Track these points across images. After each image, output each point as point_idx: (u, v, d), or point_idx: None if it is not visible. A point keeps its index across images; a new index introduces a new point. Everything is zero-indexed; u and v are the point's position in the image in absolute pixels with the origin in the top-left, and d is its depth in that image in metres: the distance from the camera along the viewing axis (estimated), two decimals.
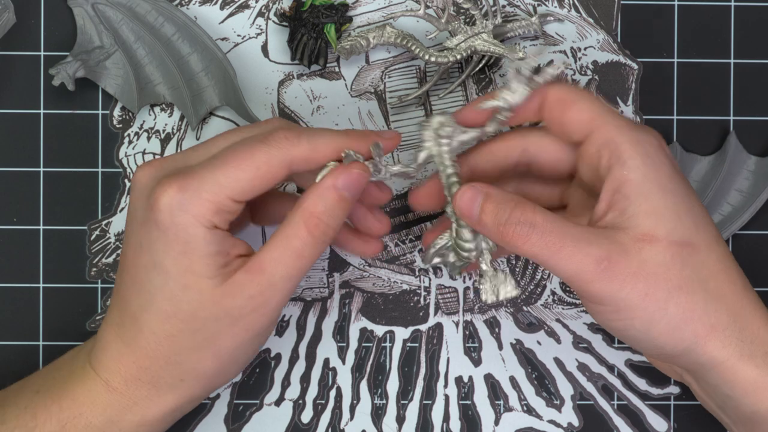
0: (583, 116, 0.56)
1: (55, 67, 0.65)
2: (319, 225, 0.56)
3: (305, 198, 0.56)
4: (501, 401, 0.67)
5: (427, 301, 0.67)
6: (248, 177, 0.55)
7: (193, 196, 0.54)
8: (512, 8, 0.67)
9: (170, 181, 0.55)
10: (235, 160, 0.55)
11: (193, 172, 0.55)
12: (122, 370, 0.57)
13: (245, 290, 0.55)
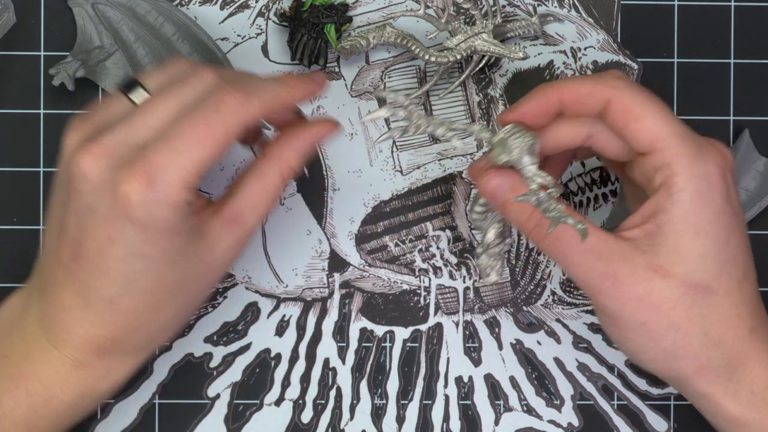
0: (646, 135, 0.55)
1: (55, 67, 0.65)
2: (291, 175, 0.58)
3: (285, 149, 0.57)
4: (501, 401, 0.67)
5: (427, 301, 0.67)
6: (211, 153, 0.54)
7: (163, 186, 0.53)
8: (512, 8, 0.67)
9: (134, 176, 0.52)
10: (193, 138, 0.53)
11: (154, 159, 0.53)
12: (94, 348, 0.56)
13: (223, 242, 0.56)
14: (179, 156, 0.53)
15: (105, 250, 0.54)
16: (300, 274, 0.67)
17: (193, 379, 0.66)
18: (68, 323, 0.56)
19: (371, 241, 0.67)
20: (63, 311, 0.56)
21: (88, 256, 0.55)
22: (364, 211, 0.67)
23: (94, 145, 0.54)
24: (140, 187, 0.52)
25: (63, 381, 0.57)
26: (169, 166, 0.53)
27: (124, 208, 0.53)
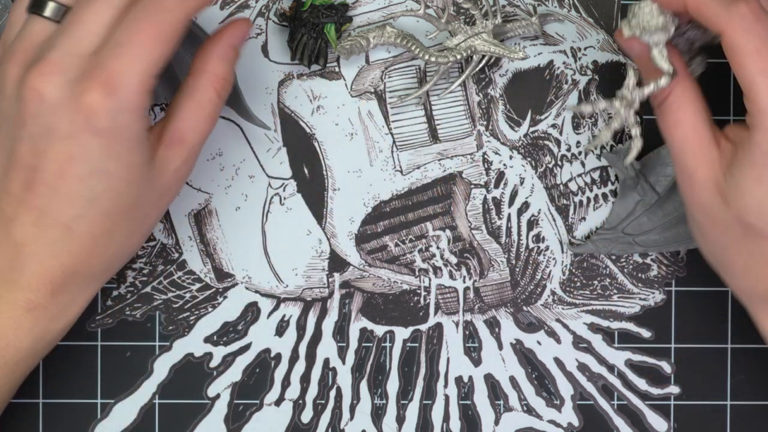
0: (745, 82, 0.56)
1: None
2: (224, 85, 0.58)
3: (207, 60, 0.58)
4: (501, 401, 0.67)
5: (427, 301, 0.67)
6: (163, 51, 0.54)
7: (124, 92, 0.53)
8: (512, 8, 0.67)
9: (95, 85, 0.53)
10: (146, 40, 0.54)
11: (112, 67, 0.53)
12: (48, 284, 0.56)
13: (170, 164, 0.57)
14: (135, 59, 0.53)
15: (65, 170, 0.54)
16: (300, 274, 0.67)
17: (193, 379, 0.66)
18: (21, 260, 0.55)
19: (371, 241, 0.67)
20: (15, 248, 0.55)
21: (45, 181, 0.54)
22: (364, 211, 0.67)
23: (44, 65, 0.53)
24: (102, 95, 0.53)
25: (17, 327, 0.56)
26: (127, 71, 0.53)
27: (88, 120, 0.53)
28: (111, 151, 0.54)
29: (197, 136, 0.57)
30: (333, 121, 0.67)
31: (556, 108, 0.67)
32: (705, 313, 0.67)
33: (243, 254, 0.66)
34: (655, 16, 0.59)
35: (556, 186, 0.67)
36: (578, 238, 0.67)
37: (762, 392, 0.67)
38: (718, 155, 0.57)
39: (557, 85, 0.67)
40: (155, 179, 0.56)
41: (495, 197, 0.67)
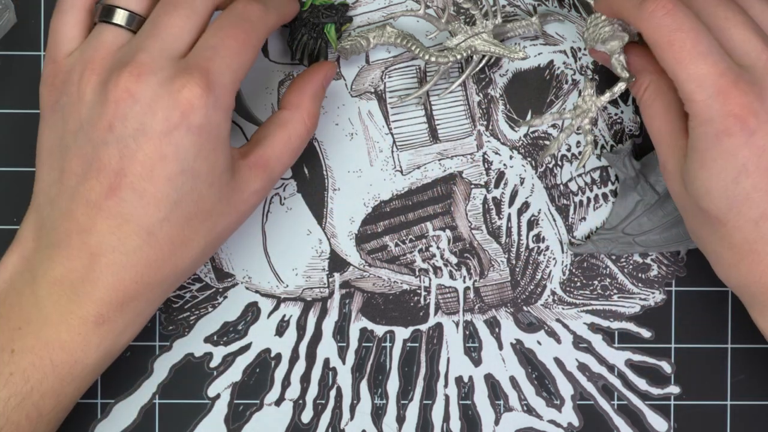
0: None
1: None
2: (314, 123, 0.61)
3: (303, 97, 0.61)
4: (501, 401, 0.67)
5: (427, 301, 0.67)
6: (251, 59, 0.57)
7: (220, 90, 0.56)
8: (512, 8, 0.67)
9: (195, 80, 0.55)
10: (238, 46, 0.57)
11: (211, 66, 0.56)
12: (119, 297, 0.56)
13: (251, 185, 0.58)
14: (228, 61, 0.56)
15: (156, 171, 0.55)
16: (300, 274, 0.67)
17: (193, 379, 0.66)
18: (96, 272, 0.56)
19: (371, 241, 0.67)
20: (90, 259, 0.55)
21: (131, 185, 0.55)
22: (364, 211, 0.67)
23: (134, 66, 0.55)
24: (201, 90, 0.55)
25: (86, 343, 0.56)
26: (223, 70, 0.56)
27: (185, 115, 0.55)
28: (201, 150, 0.55)
29: (280, 166, 0.60)
30: (333, 121, 0.67)
31: (557, 108, 0.67)
32: (705, 313, 0.67)
33: (243, 254, 0.66)
34: (600, 27, 0.60)
35: (556, 186, 0.67)
36: (578, 238, 0.67)
37: (762, 392, 0.67)
38: (684, 145, 0.58)
39: (557, 85, 0.67)
40: (233, 193, 0.58)
41: (495, 197, 0.67)
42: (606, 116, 0.67)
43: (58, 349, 0.56)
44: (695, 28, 0.55)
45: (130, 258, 0.56)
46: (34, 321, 0.56)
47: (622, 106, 0.67)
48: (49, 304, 0.56)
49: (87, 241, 0.55)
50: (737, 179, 0.55)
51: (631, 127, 0.67)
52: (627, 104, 0.67)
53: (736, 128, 0.54)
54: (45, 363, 0.56)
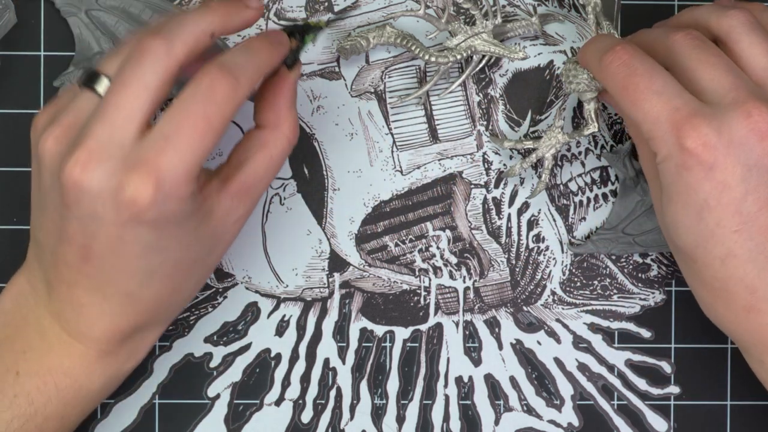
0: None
1: (59, 79, 0.65)
2: (297, 132, 0.58)
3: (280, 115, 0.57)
4: (501, 401, 0.67)
5: (427, 301, 0.67)
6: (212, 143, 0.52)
7: (172, 185, 0.51)
8: (512, 8, 0.67)
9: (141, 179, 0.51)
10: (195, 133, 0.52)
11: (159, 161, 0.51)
12: (117, 336, 0.56)
13: (232, 214, 0.56)
14: (183, 153, 0.52)
15: (119, 250, 0.53)
16: (300, 274, 0.67)
17: (193, 379, 0.66)
18: (88, 319, 0.56)
19: (371, 241, 0.67)
20: (80, 308, 0.56)
21: (101, 257, 0.54)
22: (364, 211, 0.67)
23: (81, 152, 0.52)
24: (148, 188, 0.51)
25: (90, 371, 0.57)
26: (175, 164, 0.51)
27: (134, 212, 0.52)
28: (162, 233, 0.53)
29: (263, 187, 0.57)
30: (333, 121, 0.67)
31: (557, 108, 0.67)
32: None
33: (243, 254, 0.66)
34: (570, 77, 0.62)
35: (556, 186, 0.67)
36: (578, 238, 0.67)
37: (762, 392, 0.67)
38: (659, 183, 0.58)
39: (557, 85, 0.67)
40: (215, 230, 0.56)
41: (495, 197, 0.67)
42: (606, 116, 0.67)
43: (62, 375, 0.57)
44: (650, 70, 0.55)
45: (118, 311, 0.56)
46: (37, 347, 0.57)
47: None
48: (51, 335, 0.57)
49: (74, 292, 0.56)
50: (700, 215, 0.54)
51: None
52: None
53: (693, 162, 0.54)
54: (49, 387, 0.57)
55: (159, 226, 0.53)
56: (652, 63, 0.56)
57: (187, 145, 0.52)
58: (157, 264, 0.55)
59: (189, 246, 0.55)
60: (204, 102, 0.52)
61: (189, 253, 0.55)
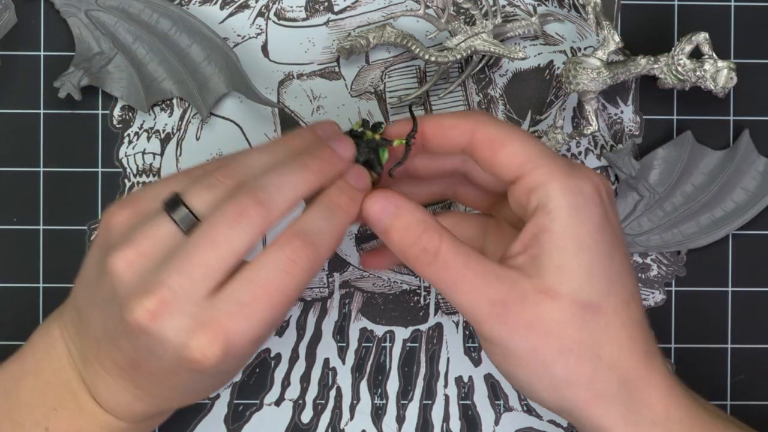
0: (515, 159, 0.54)
1: (59, 79, 0.64)
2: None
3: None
4: (501, 401, 0.67)
5: (427, 301, 0.67)
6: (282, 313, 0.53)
7: (237, 349, 0.51)
8: (512, 8, 0.67)
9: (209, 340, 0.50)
10: (269, 303, 0.51)
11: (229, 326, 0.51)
12: (133, 416, 0.56)
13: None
14: (254, 321, 0.51)
15: (168, 377, 0.53)
16: None
17: None
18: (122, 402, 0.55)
19: (371, 241, 0.67)
20: (116, 393, 0.55)
21: (150, 373, 0.53)
22: None
23: (153, 301, 0.51)
24: (216, 352, 0.51)
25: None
26: (245, 331, 0.51)
27: (196, 368, 0.51)
28: (214, 377, 0.55)
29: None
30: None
31: (557, 108, 0.67)
32: (705, 313, 0.67)
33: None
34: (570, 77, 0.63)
35: None
36: None
37: (762, 392, 0.67)
38: None
39: (557, 85, 0.67)
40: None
41: None
42: (606, 116, 0.67)
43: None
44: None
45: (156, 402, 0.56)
46: (69, 407, 0.56)
47: (622, 106, 0.67)
48: (83, 399, 0.56)
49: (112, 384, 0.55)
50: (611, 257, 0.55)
51: (631, 127, 0.67)
52: (627, 104, 0.67)
53: None
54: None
55: (216, 376, 0.54)
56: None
57: (260, 314, 0.51)
58: (201, 388, 0.56)
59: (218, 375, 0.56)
60: (282, 275, 0.51)
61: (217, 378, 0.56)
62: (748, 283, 0.67)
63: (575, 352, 0.53)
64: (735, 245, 0.67)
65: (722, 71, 0.63)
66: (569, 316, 0.53)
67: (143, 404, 0.55)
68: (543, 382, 0.53)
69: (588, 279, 0.53)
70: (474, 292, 0.53)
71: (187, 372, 0.52)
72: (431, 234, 0.53)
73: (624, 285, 0.54)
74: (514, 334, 0.53)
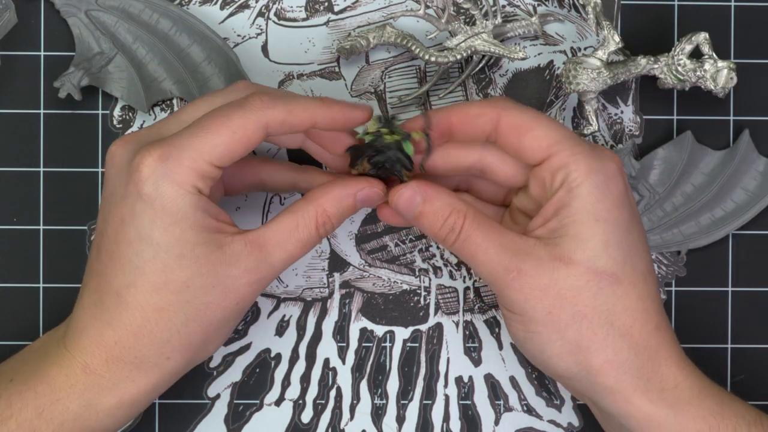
0: (541, 143, 0.57)
1: (59, 80, 0.64)
2: (326, 224, 0.58)
3: (323, 194, 0.58)
4: (501, 401, 0.67)
5: (427, 301, 0.67)
6: (226, 141, 0.55)
7: (174, 163, 0.54)
8: (512, 8, 0.67)
9: (149, 151, 0.55)
10: (211, 126, 0.55)
11: (171, 140, 0.55)
12: (103, 352, 0.56)
13: (242, 262, 0.56)
14: (193, 138, 0.55)
15: (118, 234, 0.55)
16: (300, 274, 0.67)
17: (193, 379, 0.66)
18: (84, 322, 0.57)
19: (371, 241, 0.67)
20: (81, 311, 0.57)
21: (106, 246, 0.56)
22: (364, 211, 0.67)
23: (127, 136, 0.57)
24: (152, 161, 0.54)
25: (70, 385, 0.57)
26: (183, 146, 0.54)
27: (136, 182, 0.54)
28: (156, 220, 0.54)
29: (281, 252, 0.57)
30: None
31: (557, 108, 0.67)
32: (705, 313, 0.67)
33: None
34: (570, 77, 0.64)
35: None
36: None
37: (762, 392, 0.67)
38: None
39: (557, 85, 0.67)
40: (219, 267, 0.56)
41: None
42: (606, 116, 0.67)
43: (44, 383, 0.57)
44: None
45: (108, 316, 0.56)
46: (38, 356, 0.58)
47: (622, 106, 0.67)
48: (52, 346, 0.58)
49: (82, 295, 0.58)
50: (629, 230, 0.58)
51: (631, 127, 0.67)
52: (627, 104, 0.67)
53: None
54: (29, 393, 0.57)
55: (154, 206, 0.54)
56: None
57: (201, 135, 0.55)
58: (145, 259, 0.55)
59: (182, 257, 0.55)
60: (233, 107, 0.56)
61: (181, 268, 0.55)
62: (748, 283, 0.67)
63: (588, 318, 0.55)
64: (735, 245, 0.67)
65: (722, 71, 0.63)
66: (584, 282, 0.55)
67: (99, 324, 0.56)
68: (556, 346, 0.56)
69: (604, 249, 0.55)
70: (490, 260, 0.56)
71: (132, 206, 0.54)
72: (456, 215, 0.57)
73: (641, 257, 0.57)
74: (530, 298, 0.56)
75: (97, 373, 0.56)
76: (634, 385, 0.56)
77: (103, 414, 0.57)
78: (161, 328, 0.56)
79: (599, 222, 0.55)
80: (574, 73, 0.63)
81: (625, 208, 0.56)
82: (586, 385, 0.57)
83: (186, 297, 0.56)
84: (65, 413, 0.57)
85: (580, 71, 0.63)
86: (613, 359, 0.56)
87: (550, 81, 0.67)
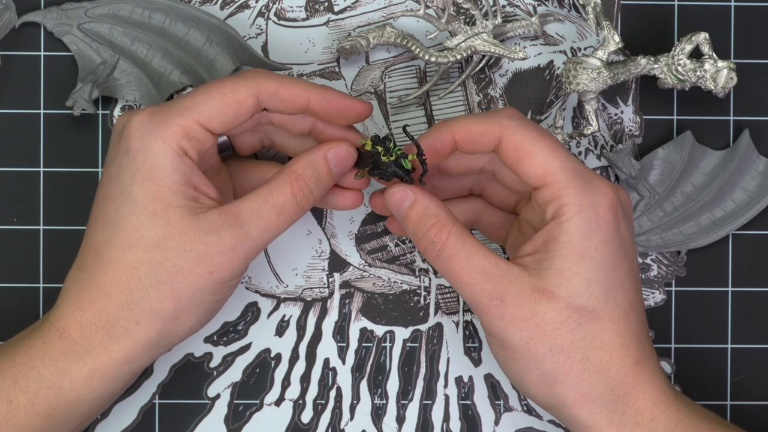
0: (537, 171, 0.57)
1: (71, 98, 0.64)
2: (303, 188, 0.58)
3: (295, 161, 0.58)
4: (501, 401, 0.67)
5: (427, 301, 0.67)
6: (215, 102, 0.57)
7: (161, 119, 0.56)
8: (512, 8, 0.67)
9: (141, 110, 0.57)
10: (202, 89, 0.57)
11: (163, 104, 0.58)
12: (78, 315, 0.57)
13: (216, 229, 0.56)
14: (184, 99, 0.57)
15: (105, 191, 0.57)
16: (300, 274, 0.67)
17: (193, 379, 0.66)
18: (66, 289, 0.58)
19: (371, 241, 0.67)
20: (67, 280, 0.58)
21: (94, 207, 0.58)
22: (364, 211, 0.67)
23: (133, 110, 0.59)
24: (141, 116, 0.56)
25: (45, 352, 0.57)
26: (173, 105, 0.57)
27: (125, 138, 0.56)
28: (136, 174, 0.56)
29: (254, 220, 0.57)
30: None
31: (557, 108, 0.67)
32: (705, 313, 0.67)
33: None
34: (570, 77, 0.64)
35: None
36: None
37: (762, 392, 0.67)
38: None
39: (557, 85, 0.67)
40: (193, 232, 0.56)
41: None
42: (606, 116, 0.67)
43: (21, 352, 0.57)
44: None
45: (86, 276, 0.57)
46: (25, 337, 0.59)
47: (622, 106, 0.67)
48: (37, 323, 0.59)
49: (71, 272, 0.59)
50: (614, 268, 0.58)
51: (631, 127, 0.67)
52: (627, 104, 0.67)
53: None
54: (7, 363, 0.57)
55: (137, 160, 0.56)
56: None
57: (192, 98, 0.57)
58: (124, 215, 0.56)
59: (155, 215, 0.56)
60: (227, 78, 0.58)
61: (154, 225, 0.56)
62: (748, 283, 0.67)
63: (565, 352, 0.56)
64: (735, 245, 0.67)
65: (722, 71, 0.63)
66: (564, 317, 0.56)
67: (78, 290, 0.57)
68: (533, 375, 0.57)
69: (587, 286, 0.56)
70: (474, 284, 0.56)
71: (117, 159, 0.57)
72: (440, 228, 0.57)
73: (624, 295, 0.57)
74: (510, 326, 0.56)
75: (71, 338, 0.57)
76: (609, 419, 0.56)
77: (76, 383, 0.57)
78: (132, 288, 0.56)
79: (584, 259, 0.56)
80: (574, 73, 0.63)
81: (614, 245, 0.56)
82: (561, 417, 0.58)
83: (157, 257, 0.56)
84: (39, 380, 0.57)
85: (580, 71, 0.63)
86: (588, 393, 0.56)
87: (550, 81, 0.67)
